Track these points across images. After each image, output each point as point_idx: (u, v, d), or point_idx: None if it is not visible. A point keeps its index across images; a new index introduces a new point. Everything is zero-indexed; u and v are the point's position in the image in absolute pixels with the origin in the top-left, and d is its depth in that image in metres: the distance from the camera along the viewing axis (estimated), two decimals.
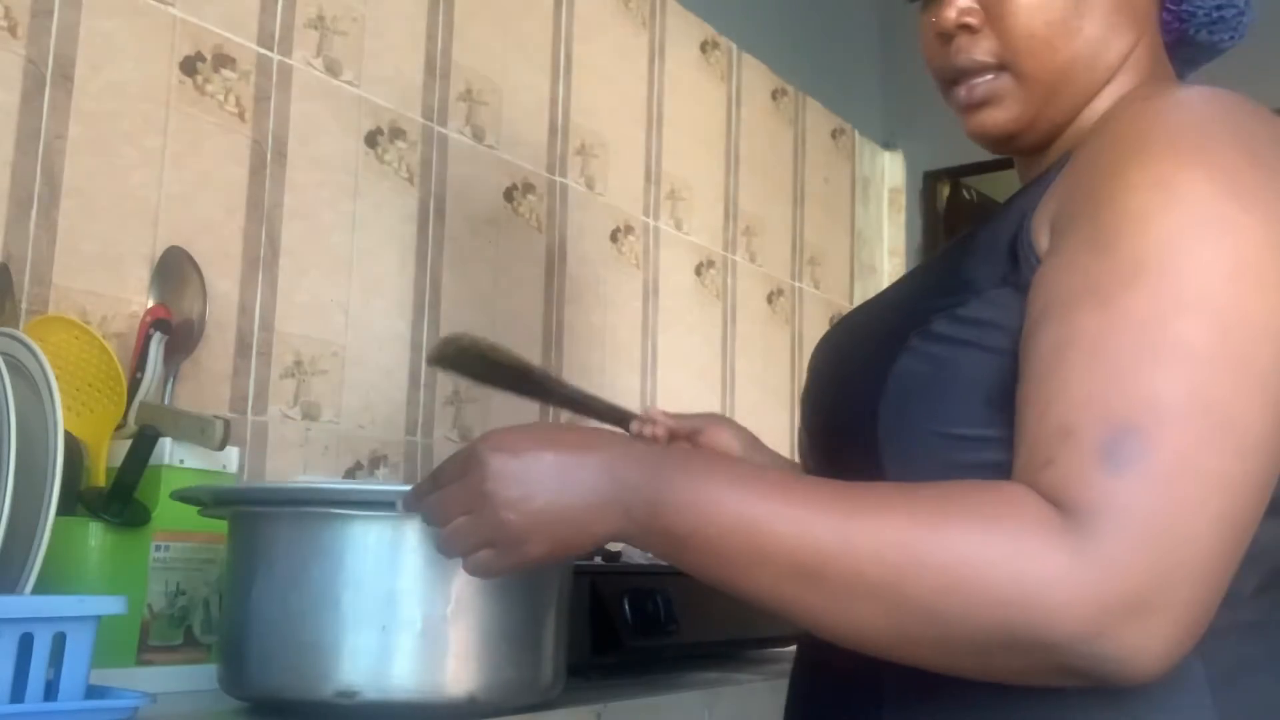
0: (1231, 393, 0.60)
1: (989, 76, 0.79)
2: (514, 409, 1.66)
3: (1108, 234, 0.65)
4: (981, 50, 0.78)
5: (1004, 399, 0.68)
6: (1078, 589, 0.58)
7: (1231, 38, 0.84)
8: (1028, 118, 0.80)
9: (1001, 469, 0.66)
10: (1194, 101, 0.69)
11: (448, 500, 0.75)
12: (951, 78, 0.81)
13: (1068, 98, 0.79)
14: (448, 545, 0.75)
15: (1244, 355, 0.61)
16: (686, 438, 1.04)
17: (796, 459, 0.96)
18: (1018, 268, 0.70)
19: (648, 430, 1.02)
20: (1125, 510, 0.58)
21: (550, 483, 0.70)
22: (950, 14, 0.78)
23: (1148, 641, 0.58)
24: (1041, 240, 0.70)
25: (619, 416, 1.04)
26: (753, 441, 1.06)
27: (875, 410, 0.73)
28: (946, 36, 0.80)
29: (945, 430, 0.71)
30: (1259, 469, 0.61)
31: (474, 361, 1.03)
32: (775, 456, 1.07)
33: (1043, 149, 0.82)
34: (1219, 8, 0.82)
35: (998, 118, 0.80)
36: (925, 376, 0.72)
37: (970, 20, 0.78)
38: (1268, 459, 0.61)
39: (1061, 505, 0.60)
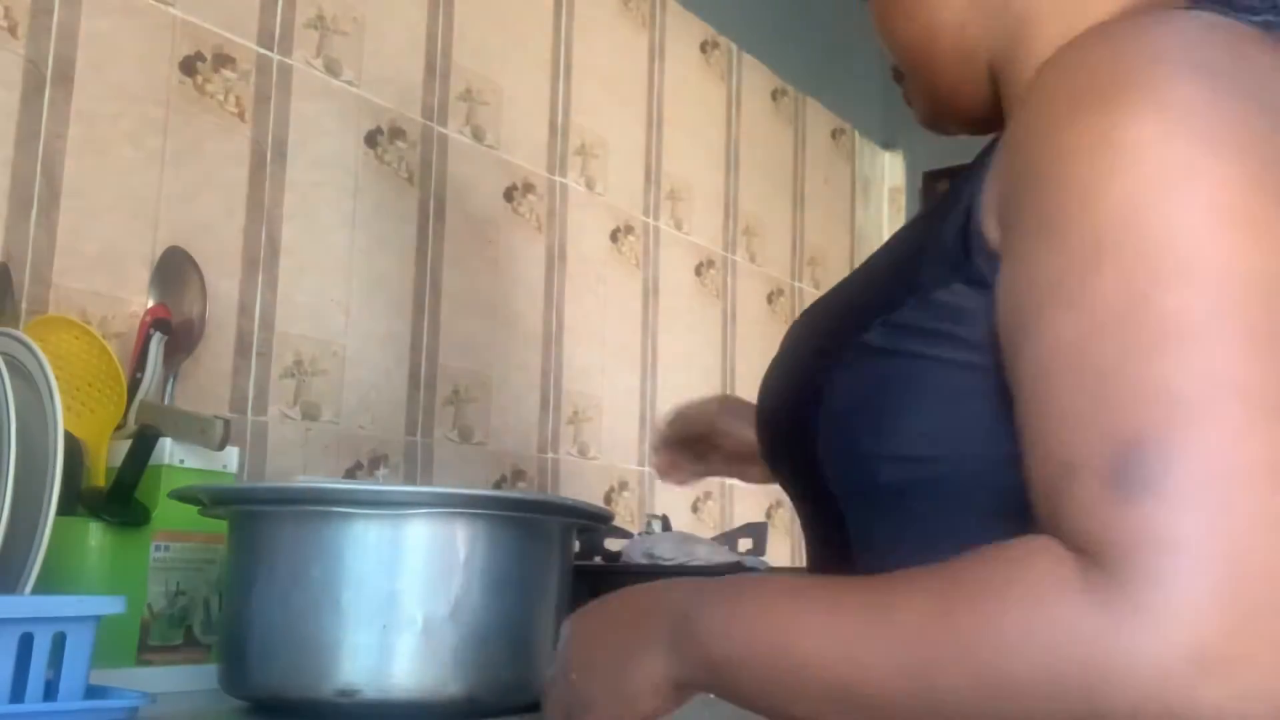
0: (1248, 359, 0.48)
1: (902, 82, 0.80)
2: (515, 407, 1.66)
3: (1060, 215, 0.53)
4: (891, 64, 0.81)
5: (963, 415, 0.61)
6: (1132, 654, 0.45)
7: None
8: (928, 100, 0.77)
9: (973, 496, 0.60)
10: (1131, 34, 0.57)
11: (546, 683, 0.72)
12: None
13: (941, 69, 0.74)
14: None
15: (1250, 311, 0.49)
16: (704, 439, 1.07)
17: None
18: (970, 260, 0.60)
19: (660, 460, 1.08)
20: (1161, 540, 0.46)
21: (606, 642, 0.66)
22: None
23: (1248, 695, 0.44)
24: (991, 228, 0.59)
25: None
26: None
27: (813, 443, 0.66)
28: None
29: (893, 454, 0.63)
30: None
31: None
32: None
33: (987, 123, 0.75)
34: None
35: (915, 111, 0.80)
36: (864, 398, 0.64)
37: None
38: None
39: (1087, 553, 0.48)
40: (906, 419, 0.63)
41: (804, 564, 0.79)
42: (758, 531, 1.60)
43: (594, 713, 0.66)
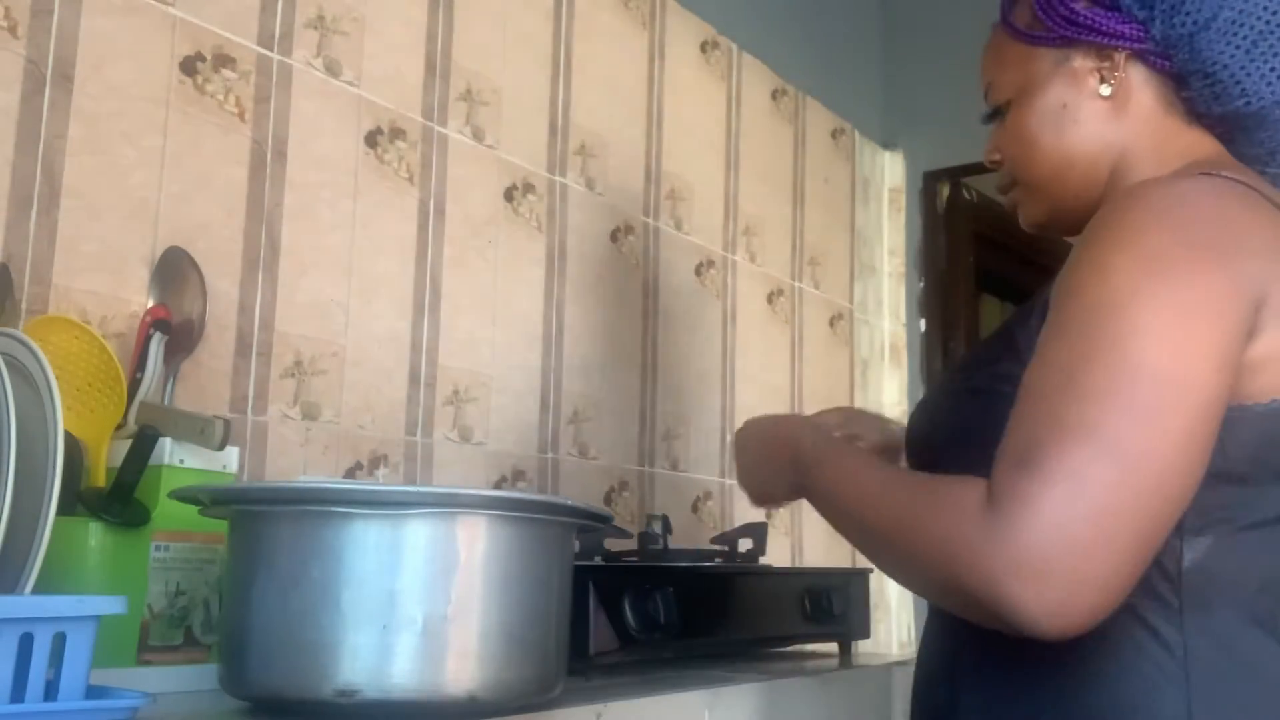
0: (1119, 420, 0.77)
1: (1011, 191, 1.08)
2: (515, 407, 1.66)
3: (1059, 305, 0.85)
4: (1003, 174, 1.08)
5: None
6: (983, 553, 0.77)
7: (1248, 104, 0.95)
8: (1046, 209, 1.05)
9: None
10: (1145, 193, 0.87)
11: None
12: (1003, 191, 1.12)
13: (1070, 189, 1.02)
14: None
15: (1136, 393, 0.78)
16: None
17: None
18: (1043, 329, 0.88)
19: None
20: (1026, 498, 0.76)
21: (759, 457, 1.12)
22: (986, 156, 1.10)
23: (1040, 600, 0.75)
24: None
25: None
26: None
27: (937, 450, 0.98)
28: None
29: (988, 458, 0.87)
30: (1143, 479, 0.77)
31: None
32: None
33: (1080, 229, 1.01)
34: (1205, 76, 0.95)
35: (1026, 214, 1.07)
36: (970, 419, 0.93)
37: (995, 156, 1.08)
38: (1155, 472, 0.77)
39: (988, 495, 0.79)
40: (996, 434, 0.87)
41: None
42: (758, 531, 1.60)
43: (750, 495, 1.15)
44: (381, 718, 0.86)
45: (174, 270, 1.22)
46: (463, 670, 0.87)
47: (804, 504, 1.08)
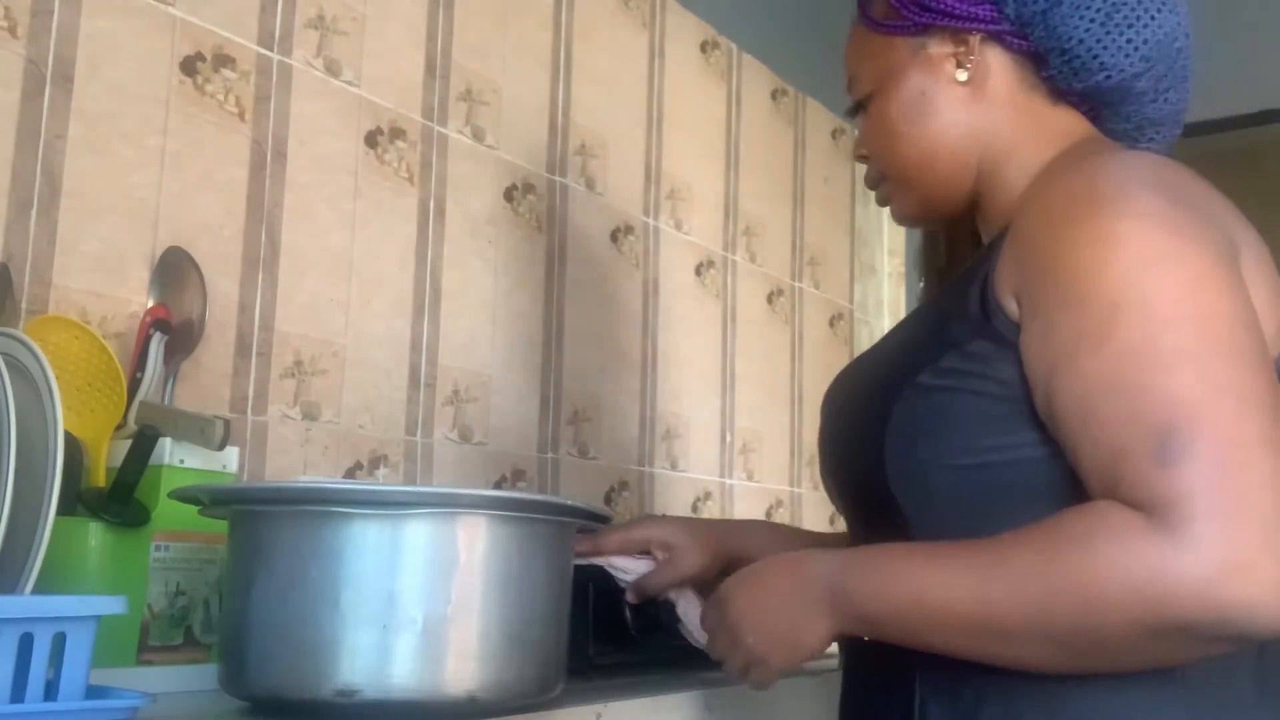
0: (1232, 371, 0.73)
1: (881, 185, 1.06)
2: (516, 407, 1.66)
3: (1075, 289, 0.78)
4: (871, 170, 1.06)
5: (993, 432, 0.83)
6: (1183, 570, 0.69)
7: (1108, 77, 0.93)
8: (917, 201, 1.03)
9: (1005, 489, 0.82)
10: (1111, 164, 0.84)
11: (718, 642, 0.97)
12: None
13: (938, 179, 0.99)
14: (730, 674, 0.96)
15: (1226, 341, 0.74)
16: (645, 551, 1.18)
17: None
18: (990, 323, 0.84)
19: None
20: (1194, 492, 0.69)
21: (773, 608, 0.90)
22: (854, 152, 1.09)
23: (1263, 589, 0.68)
24: (1008, 303, 0.83)
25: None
26: (709, 531, 1.19)
27: (880, 458, 0.88)
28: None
29: (945, 463, 0.85)
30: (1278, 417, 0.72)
31: None
32: (751, 530, 1.25)
33: (960, 219, 1.03)
34: (1062, 53, 0.93)
35: (897, 209, 1.07)
36: (920, 421, 0.86)
37: (862, 151, 1.07)
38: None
39: (1143, 508, 0.71)
40: (950, 434, 0.85)
41: None
42: None
43: (770, 660, 0.91)
44: (381, 718, 0.86)
45: (174, 270, 1.22)
46: (463, 670, 0.87)
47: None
